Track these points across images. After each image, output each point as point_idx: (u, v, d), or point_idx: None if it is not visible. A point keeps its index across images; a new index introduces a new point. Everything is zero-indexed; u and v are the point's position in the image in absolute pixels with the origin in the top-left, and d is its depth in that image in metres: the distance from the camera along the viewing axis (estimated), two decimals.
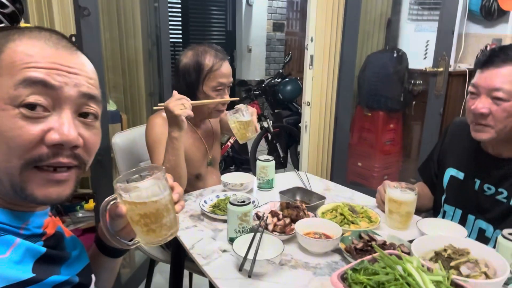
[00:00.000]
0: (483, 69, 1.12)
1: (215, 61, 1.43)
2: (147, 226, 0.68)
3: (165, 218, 0.69)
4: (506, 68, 1.07)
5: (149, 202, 0.67)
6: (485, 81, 1.10)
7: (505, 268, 0.83)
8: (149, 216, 0.67)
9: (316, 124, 2.74)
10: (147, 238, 0.70)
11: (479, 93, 1.12)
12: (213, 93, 1.45)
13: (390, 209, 1.17)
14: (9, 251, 0.55)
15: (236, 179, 1.47)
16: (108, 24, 2.20)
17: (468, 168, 1.27)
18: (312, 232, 1.08)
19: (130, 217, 0.68)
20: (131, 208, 0.67)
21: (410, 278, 0.71)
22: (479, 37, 2.85)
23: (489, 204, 1.20)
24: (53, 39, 0.61)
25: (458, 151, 1.32)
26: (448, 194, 1.33)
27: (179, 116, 1.25)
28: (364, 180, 3.20)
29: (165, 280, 2.22)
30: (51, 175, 0.59)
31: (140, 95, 2.47)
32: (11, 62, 0.56)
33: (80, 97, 0.61)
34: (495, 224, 1.18)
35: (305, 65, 2.62)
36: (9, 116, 0.55)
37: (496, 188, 1.18)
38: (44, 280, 0.58)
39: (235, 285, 0.90)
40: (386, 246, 0.99)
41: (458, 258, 0.88)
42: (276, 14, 5.96)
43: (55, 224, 0.70)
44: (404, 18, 3.08)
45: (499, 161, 1.19)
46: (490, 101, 1.10)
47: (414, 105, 2.97)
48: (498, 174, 1.18)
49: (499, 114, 1.08)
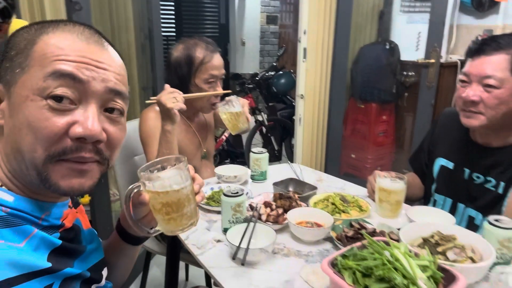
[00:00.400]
0: (474, 58, 1.14)
1: (206, 54, 1.44)
2: (169, 215, 0.70)
3: (186, 208, 0.71)
4: (497, 56, 1.09)
5: (171, 191, 0.68)
6: (477, 69, 1.12)
7: (490, 253, 0.86)
8: (171, 205, 0.69)
9: (310, 116, 2.76)
10: (168, 226, 0.72)
11: (470, 81, 1.14)
12: (205, 86, 1.46)
13: (380, 198, 1.20)
14: (24, 242, 0.56)
15: (230, 171, 1.49)
16: (100, 18, 2.20)
17: (457, 158, 1.29)
18: (304, 222, 1.11)
19: (153, 205, 0.70)
20: (154, 197, 0.69)
21: (398, 263, 0.73)
22: (470, 28, 2.87)
23: (478, 193, 1.23)
24: (85, 34, 0.61)
25: (448, 141, 1.34)
26: (438, 184, 1.36)
27: (171, 109, 1.26)
28: (357, 171, 3.23)
29: (162, 272, 2.25)
30: (75, 165, 0.60)
31: (133, 89, 2.47)
32: (42, 54, 0.57)
33: (107, 93, 0.61)
34: (484, 212, 1.22)
35: (298, 58, 2.63)
36: (37, 106, 0.56)
37: (485, 177, 1.21)
38: (59, 271, 0.59)
39: (229, 274, 0.92)
40: (376, 233, 1.01)
41: (445, 244, 0.91)
42: (269, 7, 5.94)
43: (74, 216, 0.71)
44: (396, 10, 3.10)
45: (487, 150, 1.21)
46: (481, 88, 1.12)
47: (406, 96, 3.00)
48: (486, 163, 1.21)
49: (490, 101, 1.10)
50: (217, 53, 1.48)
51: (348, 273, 0.74)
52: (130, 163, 1.65)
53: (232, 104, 1.42)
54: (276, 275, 0.91)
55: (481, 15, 2.83)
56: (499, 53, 1.09)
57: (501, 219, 0.92)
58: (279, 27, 6.16)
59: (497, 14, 2.77)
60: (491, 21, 2.80)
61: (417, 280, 0.70)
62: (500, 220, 0.92)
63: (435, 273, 0.74)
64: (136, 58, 2.45)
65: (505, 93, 1.09)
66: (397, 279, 0.70)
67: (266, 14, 5.92)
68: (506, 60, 1.09)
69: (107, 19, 2.24)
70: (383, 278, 0.71)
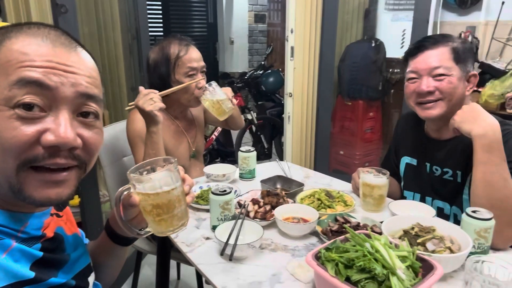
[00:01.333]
0: (416, 56, 1.21)
1: (180, 48, 1.46)
2: (159, 216, 0.70)
3: (176, 209, 0.71)
4: (439, 49, 1.18)
5: (162, 193, 0.69)
6: (425, 63, 1.19)
7: (468, 243, 0.89)
8: (161, 206, 0.69)
9: (299, 114, 2.79)
10: (159, 227, 0.72)
11: (420, 76, 1.21)
12: (186, 80, 1.47)
13: (364, 192, 1.23)
14: (5, 254, 0.55)
15: (218, 170, 1.50)
16: (86, 20, 2.19)
17: (418, 154, 1.36)
18: (291, 217, 1.14)
19: (143, 207, 0.70)
20: (144, 199, 0.69)
21: (378, 254, 0.76)
22: (454, 25, 2.93)
23: (439, 184, 1.29)
24: (51, 36, 0.58)
25: (408, 140, 1.41)
26: (406, 181, 1.42)
27: (150, 111, 1.27)
28: (346, 167, 3.28)
29: (153, 271, 2.26)
30: (48, 175, 0.57)
31: (121, 91, 2.48)
32: (6, 61, 0.55)
33: (78, 97, 0.59)
34: (449, 201, 1.28)
35: (286, 56, 2.66)
36: (4, 117, 0.54)
37: (442, 169, 1.28)
38: (43, 281, 0.59)
39: (218, 269, 0.94)
40: (359, 227, 1.05)
41: (424, 235, 0.94)
42: (257, 5, 5.96)
43: (56, 224, 0.70)
44: (381, 8, 3.14)
45: (440, 143, 1.28)
46: (432, 79, 1.18)
47: (392, 93, 3.05)
48: (441, 155, 1.28)
49: (445, 86, 1.17)
50: (191, 46, 1.49)
51: (331, 265, 0.77)
52: (120, 164, 1.66)
53: (214, 90, 1.45)
54: (263, 269, 0.93)
55: (464, 12, 2.88)
56: (438, 46, 1.18)
57: (479, 210, 0.96)
58: (267, 25, 6.18)
59: (480, 11, 2.82)
60: (474, 18, 2.86)
61: (396, 270, 0.73)
62: (477, 212, 0.96)
63: (414, 263, 0.78)
64: (123, 58, 2.45)
65: (455, 79, 1.17)
66: (377, 269, 0.73)
67: (254, 13, 5.94)
68: (447, 51, 1.18)
69: (93, 20, 2.24)
70: (363, 268, 0.74)
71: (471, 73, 1.20)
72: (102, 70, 2.35)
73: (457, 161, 1.23)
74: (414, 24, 2.57)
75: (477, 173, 1.07)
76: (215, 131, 3.59)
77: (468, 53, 1.20)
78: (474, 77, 1.21)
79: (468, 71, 1.20)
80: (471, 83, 1.21)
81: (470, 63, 1.20)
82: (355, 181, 1.35)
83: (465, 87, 1.20)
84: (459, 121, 1.11)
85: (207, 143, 3.54)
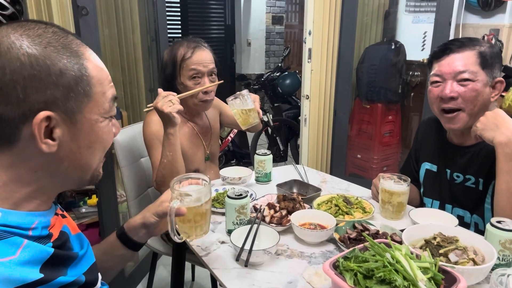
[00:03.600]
0: (441, 58, 1.18)
1: (187, 50, 1.44)
2: (197, 223, 0.87)
3: (207, 216, 0.89)
4: (465, 53, 1.15)
5: (203, 204, 0.86)
6: (449, 67, 1.16)
7: (492, 255, 0.86)
8: (201, 214, 0.87)
9: (316, 117, 2.77)
10: (194, 232, 0.89)
11: (444, 79, 1.18)
12: (190, 83, 1.45)
13: (383, 199, 1.21)
14: (19, 252, 0.56)
15: (234, 173, 1.50)
16: (106, 21, 2.23)
17: (439, 160, 1.32)
18: (308, 223, 1.12)
19: (186, 216, 0.85)
20: (189, 210, 0.85)
21: (398, 265, 0.74)
22: (477, 27, 2.85)
23: (460, 192, 1.25)
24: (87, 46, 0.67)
25: (429, 146, 1.38)
26: (425, 187, 1.38)
27: (169, 113, 1.27)
28: (363, 172, 3.23)
29: (168, 272, 2.27)
30: None
31: (140, 92, 2.50)
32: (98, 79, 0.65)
33: None
34: (470, 210, 1.24)
35: (304, 58, 2.64)
36: (105, 125, 0.67)
37: (464, 175, 1.24)
38: (52, 281, 0.59)
39: (233, 275, 0.93)
40: (378, 235, 1.02)
41: (447, 245, 0.91)
42: (275, 7, 5.95)
43: (61, 223, 0.72)
44: (401, 10, 3.09)
45: (462, 149, 1.24)
46: (456, 84, 1.15)
47: (412, 96, 2.99)
48: (463, 162, 1.24)
49: (468, 94, 1.14)
50: (200, 48, 1.46)
51: (349, 274, 0.75)
52: (137, 165, 1.68)
53: (244, 99, 1.40)
54: (279, 276, 0.92)
55: (487, 15, 2.80)
56: (465, 50, 1.15)
57: (504, 220, 0.93)
58: (285, 27, 6.16)
59: (504, 13, 2.75)
60: (498, 20, 2.78)
61: (418, 282, 0.71)
62: (503, 222, 0.92)
63: (436, 275, 0.75)
64: (142, 60, 2.47)
65: (479, 85, 1.13)
66: (397, 281, 0.71)
67: (271, 15, 5.93)
68: (473, 55, 1.14)
69: (113, 21, 2.27)
70: (384, 279, 0.72)
71: (497, 79, 1.16)
72: (122, 71, 2.39)
73: (479, 168, 1.19)
74: (436, 27, 2.52)
75: (500, 182, 1.03)
76: (231, 133, 3.59)
77: (496, 58, 1.16)
78: (500, 83, 1.16)
79: (495, 77, 1.16)
80: (497, 90, 1.17)
81: (497, 69, 1.16)
82: (376, 186, 1.32)
83: (490, 93, 1.16)
84: (481, 128, 1.08)
85: (222, 144, 3.55)
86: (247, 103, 1.41)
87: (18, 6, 1.34)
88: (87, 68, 0.62)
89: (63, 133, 0.61)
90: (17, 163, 0.60)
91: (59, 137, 0.61)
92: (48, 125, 0.59)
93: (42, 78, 0.57)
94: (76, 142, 0.63)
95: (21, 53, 0.56)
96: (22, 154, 0.60)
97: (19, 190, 0.61)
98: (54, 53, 0.59)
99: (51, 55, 0.58)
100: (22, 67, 0.56)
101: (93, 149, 0.66)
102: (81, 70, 0.61)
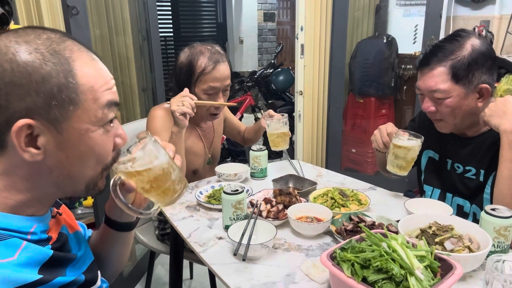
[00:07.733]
0: (421, 71, 1.19)
1: (208, 64, 1.39)
2: (160, 188, 0.71)
3: (172, 175, 0.72)
4: (437, 70, 1.13)
5: (153, 166, 0.69)
6: (424, 84, 1.17)
7: (487, 242, 0.87)
8: (159, 178, 0.70)
9: (310, 113, 2.77)
10: (165, 198, 0.73)
11: (423, 94, 1.20)
12: (204, 96, 1.43)
13: (397, 154, 1.22)
14: (17, 253, 0.56)
15: (230, 169, 1.50)
16: (97, 21, 2.21)
17: (441, 149, 1.33)
18: (304, 217, 1.12)
19: (142, 187, 0.71)
20: (139, 179, 0.69)
21: (395, 254, 0.75)
22: (467, 19, 2.87)
23: (461, 182, 1.26)
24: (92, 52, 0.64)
25: (433, 134, 1.37)
26: (426, 175, 1.38)
27: (173, 111, 1.28)
28: (358, 165, 3.25)
29: (166, 271, 2.27)
30: None
31: (133, 91, 2.49)
32: (89, 86, 0.60)
33: None
34: (470, 200, 1.25)
35: (296, 54, 2.64)
36: (98, 135, 0.62)
37: (464, 167, 1.24)
38: (51, 281, 0.59)
39: (231, 269, 0.93)
40: (374, 226, 1.03)
41: (442, 234, 0.92)
42: (266, 4, 5.95)
43: (59, 225, 0.72)
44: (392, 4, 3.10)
45: (464, 140, 1.25)
46: (433, 100, 1.17)
47: (405, 89, 3.01)
48: (464, 153, 1.24)
49: (444, 110, 1.16)
50: (221, 63, 1.41)
51: (346, 265, 0.76)
52: None
53: (283, 123, 1.48)
54: (277, 269, 0.92)
55: (478, 6, 2.82)
56: (436, 67, 1.13)
57: (498, 208, 0.94)
58: (277, 24, 6.16)
59: (494, 4, 2.76)
60: (488, 12, 2.80)
61: (415, 270, 0.71)
62: (497, 209, 0.93)
63: (432, 262, 0.76)
64: (134, 59, 2.46)
65: (454, 100, 1.13)
66: (394, 270, 0.71)
67: (263, 12, 5.92)
68: (444, 72, 1.12)
69: (104, 21, 2.25)
70: (381, 269, 0.72)
71: (482, 86, 1.12)
72: (114, 71, 2.37)
73: (481, 159, 1.20)
74: (427, 19, 2.53)
75: (502, 169, 1.04)
76: None
77: (475, 65, 1.10)
78: (486, 90, 1.12)
79: (477, 84, 1.11)
80: (484, 95, 1.14)
81: (481, 73, 1.11)
82: (383, 136, 1.29)
83: (474, 99, 1.14)
84: (489, 115, 1.08)
85: None
86: (286, 127, 1.49)
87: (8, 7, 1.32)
88: (75, 75, 0.59)
89: (48, 142, 0.58)
90: (10, 170, 0.60)
91: (44, 146, 0.58)
92: (31, 133, 0.57)
93: (23, 84, 0.55)
94: (64, 151, 0.60)
95: (5, 59, 0.55)
96: (12, 161, 0.59)
97: (13, 197, 0.61)
98: (39, 60, 0.56)
99: (35, 61, 0.56)
100: (4, 73, 0.55)
101: (84, 160, 0.62)
102: (67, 77, 0.58)
